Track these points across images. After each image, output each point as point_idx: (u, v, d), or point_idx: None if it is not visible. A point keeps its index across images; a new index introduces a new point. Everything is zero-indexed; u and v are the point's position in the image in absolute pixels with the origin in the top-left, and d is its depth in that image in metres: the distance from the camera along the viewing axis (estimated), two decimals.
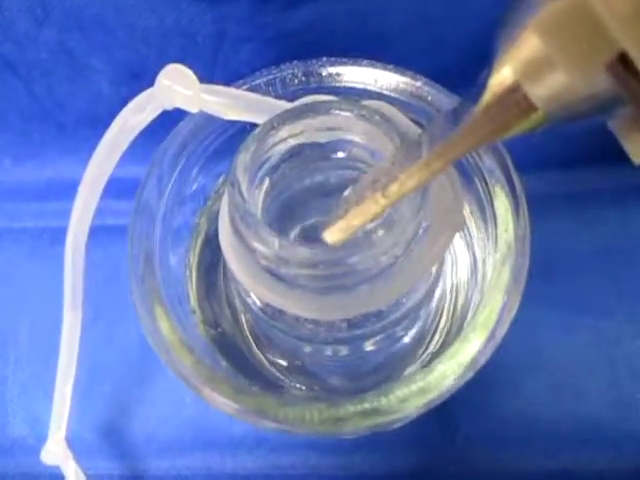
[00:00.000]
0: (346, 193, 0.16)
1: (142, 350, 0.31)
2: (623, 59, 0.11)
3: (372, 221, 0.15)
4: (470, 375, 0.18)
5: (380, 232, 0.16)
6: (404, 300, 0.19)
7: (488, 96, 0.13)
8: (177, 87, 0.20)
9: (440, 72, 0.23)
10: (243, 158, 0.17)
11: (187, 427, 0.31)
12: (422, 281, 0.19)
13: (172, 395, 0.31)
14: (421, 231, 0.17)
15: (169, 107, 0.20)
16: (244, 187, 0.17)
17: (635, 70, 0.11)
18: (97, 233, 0.22)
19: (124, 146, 0.21)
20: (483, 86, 0.13)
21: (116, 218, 0.31)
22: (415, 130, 0.19)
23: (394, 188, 0.14)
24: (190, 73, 0.20)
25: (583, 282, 0.31)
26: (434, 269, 0.19)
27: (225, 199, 0.18)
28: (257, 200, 0.18)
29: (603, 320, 0.31)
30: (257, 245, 0.16)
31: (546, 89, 0.12)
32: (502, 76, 0.12)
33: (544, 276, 0.29)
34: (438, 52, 0.30)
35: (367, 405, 0.17)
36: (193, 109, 0.20)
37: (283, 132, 0.18)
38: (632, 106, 0.12)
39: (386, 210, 0.15)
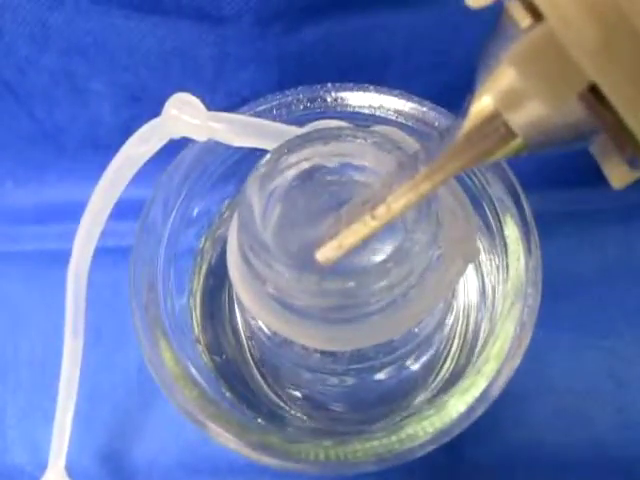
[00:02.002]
0: (339, 212, 0.16)
1: (142, 374, 0.31)
2: (594, 89, 0.11)
3: (363, 241, 0.16)
4: (483, 409, 0.17)
5: (393, 263, 0.16)
6: (416, 330, 0.19)
7: (470, 123, 0.13)
8: (184, 116, 0.19)
9: (443, 91, 0.23)
10: (254, 183, 0.17)
11: (189, 453, 0.30)
12: (434, 311, 0.19)
13: (173, 421, 0.30)
14: (434, 260, 0.17)
15: (176, 136, 0.20)
16: (257, 213, 0.16)
17: (604, 99, 0.11)
18: (98, 254, 0.22)
19: (129, 176, 0.21)
20: (464, 114, 0.13)
21: (117, 239, 0.30)
22: None
23: (382, 210, 0.15)
24: (197, 101, 0.20)
25: (588, 303, 0.31)
26: (446, 298, 0.19)
27: (234, 226, 0.18)
28: (268, 228, 0.18)
29: (610, 341, 0.30)
30: (268, 275, 0.16)
31: (524, 117, 0.12)
32: (482, 104, 0.13)
33: (548, 297, 0.29)
34: (441, 71, 0.30)
35: (376, 443, 0.16)
36: (201, 138, 0.20)
37: (294, 158, 0.18)
38: (605, 133, 0.12)
39: (376, 231, 0.15)
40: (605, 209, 0.33)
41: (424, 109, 0.21)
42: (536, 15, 0.11)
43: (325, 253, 0.16)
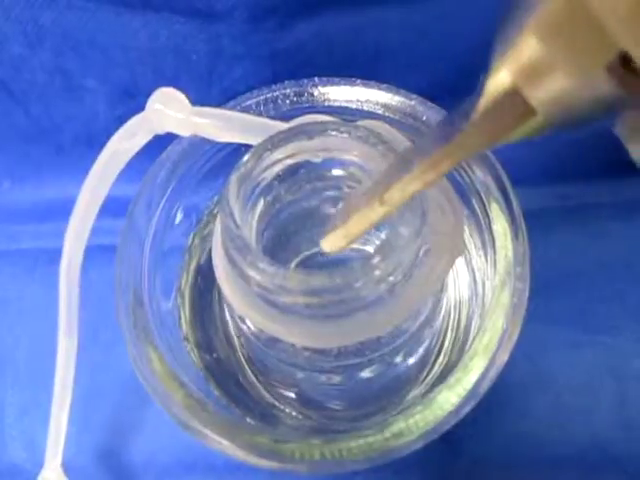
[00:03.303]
0: (344, 201, 0.16)
1: None
2: (624, 59, 0.10)
3: (371, 228, 0.15)
4: (473, 404, 0.17)
5: (379, 258, 0.16)
6: (404, 326, 0.18)
7: (485, 101, 0.12)
8: (168, 111, 0.19)
9: (437, 87, 0.23)
10: (235, 182, 0.17)
11: (186, 450, 0.30)
12: (422, 307, 0.19)
13: (169, 416, 0.30)
14: (421, 255, 0.16)
15: (161, 132, 0.20)
16: (237, 213, 0.16)
17: (637, 70, 0.10)
18: (93, 252, 0.22)
19: (116, 172, 0.21)
20: (480, 91, 0.12)
21: (111, 237, 0.30)
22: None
23: (392, 195, 0.14)
24: (181, 96, 0.20)
25: (588, 298, 0.31)
26: (435, 294, 0.19)
27: (218, 224, 0.18)
28: (251, 225, 0.18)
29: (609, 337, 0.30)
30: (251, 273, 0.16)
31: (546, 92, 0.11)
32: (499, 79, 0.12)
33: (548, 293, 0.28)
34: (435, 67, 0.30)
35: (368, 440, 0.16)
36: (185, 133, 0.20)
37: (277, 154, 0.18)
38: (635, 108, 0.11)
39: (385, 217, 0.15)
40: (605, 204, 0.33)
41: (412, 103, 0.21)
42: None
43: (331, 242, 0.15)
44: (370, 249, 0.19)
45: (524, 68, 0.11)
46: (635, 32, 0.10)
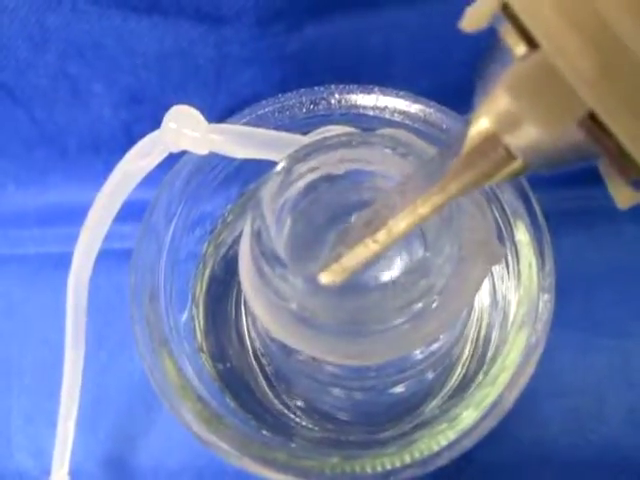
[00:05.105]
0: (341, 232, 0.16)
1: (147, 377, 0.31)
2: (593, 115, 0.11)
3: (366, 264, 0.15)
4: (497, 420, 0.17)
5: (414, 277, 0.15)
6: (441, 338, 0.18)
7: (469, 145, 0.13)
8: (184, 130, 0.19)
9: (448, 88, 0.22)
10: (268, 198, 0.16)
11: (195, 456, 0.30)
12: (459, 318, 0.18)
13: (179, 424, 0.30)
14: (455, 267, 0.16)
15: (176, 151, 0.19)
16: (272, 230, 0.16)
17: (606, 126, 0.11)
18: (103, 257, 0.22)
19: (127, 192, 0.20)
20: (466, 133, 0.13)
21: (120, 242, 0.30)
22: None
23: (383, 234, 0.15)
24: (197, 113, 0.19)
25: (599, 302, 0.31)
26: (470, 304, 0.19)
27: (245, 240, 0.17)
28: (281, 242, 0.17)
29: (621, 340, 0.30)
30: (284, 289, 0.15)
31: (522, 141, 0.12)
32: (480, 126, 0.13)
33: (558, 296, 0.28)
34: (445, 69, 0.30)
35: (385, 459, 0.16)
36: (202, 151, 0.19)
37: (305, 167, 0.18)
38: (607, 157, 0.12)
39: (379, 254, 0.15)
40: (614, 206, 0.32)
41: (430, 110, 0.21)
42: (531, 42, 0.11)
43: (328, 276, 0.16)
44: (399, 261, 0.18)
45: (501, 119, 0.12)
46: (600, 94, 0.11)
